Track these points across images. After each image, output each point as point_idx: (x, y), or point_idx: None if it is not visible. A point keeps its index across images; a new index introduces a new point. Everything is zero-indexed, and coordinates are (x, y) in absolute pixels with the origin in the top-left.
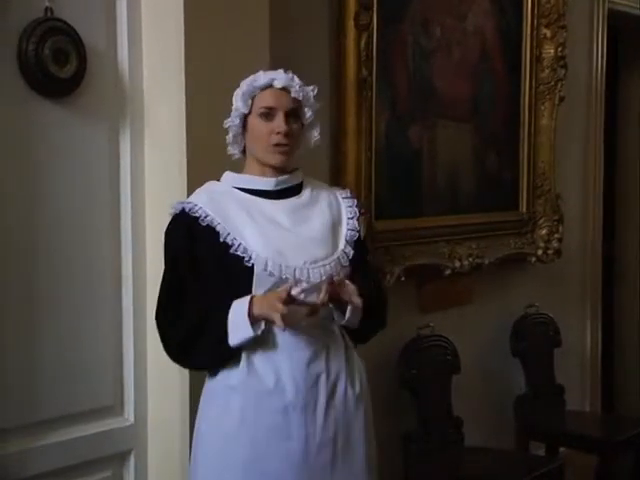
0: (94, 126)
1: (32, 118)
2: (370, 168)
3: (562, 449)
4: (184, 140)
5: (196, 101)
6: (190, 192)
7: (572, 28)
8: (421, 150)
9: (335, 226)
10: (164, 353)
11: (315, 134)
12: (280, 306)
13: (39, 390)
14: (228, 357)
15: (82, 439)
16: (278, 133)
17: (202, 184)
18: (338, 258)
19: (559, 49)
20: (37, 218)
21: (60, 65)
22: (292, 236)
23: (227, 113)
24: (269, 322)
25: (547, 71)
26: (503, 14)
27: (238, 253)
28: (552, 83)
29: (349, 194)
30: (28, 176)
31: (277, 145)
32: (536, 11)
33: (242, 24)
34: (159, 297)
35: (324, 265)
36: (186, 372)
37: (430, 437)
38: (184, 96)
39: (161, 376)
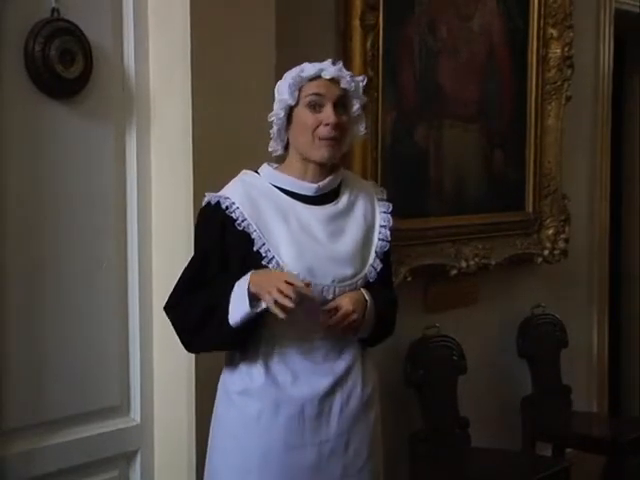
0: (100, 126)
1: (38, 118)
2: (376, 168)
3: (569, 450)
4: (190, 139)
5: (202, 100)
6: (197, 192)
7: (578, 28)
8: (427, 150)
9: (367, 236)
10: (170, 353)
11: (361, 129)
12: (284, 286)
13: (45, 390)
14: (232, 340)
15: (88, 439)
16: (327, 125)
17: (208, 184)
18: (365, 275)
19: (565, 49)
20: (43, 218)
21: (66, 65)
22: (325, 252)
23: (233, 112)
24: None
25: (553, 71)
26: (509, 14)
27: (270, 266)
28: (559, 83)
29: (384, 196)
30: (34, 176)
31: (324, 138)
32: (542, 11)
33: (248, 23)
34: (179, 280)
35: (350, 284)
36: (193, 371)
37: (436, 437)
38: (190, 96)
39: (167, 376)
